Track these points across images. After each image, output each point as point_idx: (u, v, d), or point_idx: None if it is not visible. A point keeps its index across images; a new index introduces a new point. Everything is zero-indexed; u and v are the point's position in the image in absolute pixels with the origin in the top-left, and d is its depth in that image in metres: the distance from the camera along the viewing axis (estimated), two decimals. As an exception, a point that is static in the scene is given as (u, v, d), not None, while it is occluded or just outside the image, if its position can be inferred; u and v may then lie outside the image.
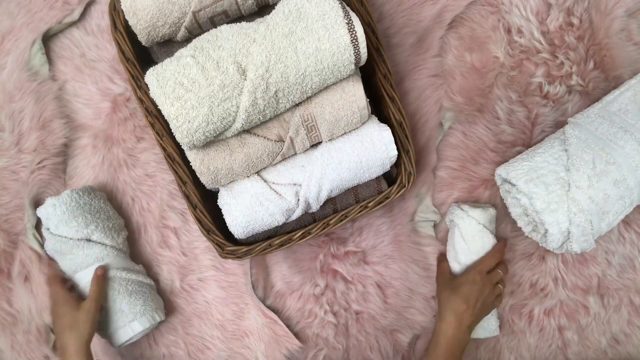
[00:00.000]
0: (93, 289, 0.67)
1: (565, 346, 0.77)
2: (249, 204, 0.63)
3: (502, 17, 0.75)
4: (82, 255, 0.69)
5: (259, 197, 0.63)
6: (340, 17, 0.54)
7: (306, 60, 0.54)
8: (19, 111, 0.76)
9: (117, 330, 0.69)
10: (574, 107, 0.75)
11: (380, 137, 0.63)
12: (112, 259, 0.71)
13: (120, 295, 0.69)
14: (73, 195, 0.69)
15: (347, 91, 0.60)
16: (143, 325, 0.69)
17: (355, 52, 0.55)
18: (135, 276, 0.72)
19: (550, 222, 0.63)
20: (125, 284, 0.70)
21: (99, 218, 0.71)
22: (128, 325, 0.69)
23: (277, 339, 0.76)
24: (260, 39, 0.54)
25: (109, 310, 0.68)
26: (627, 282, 0.76)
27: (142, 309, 0.70)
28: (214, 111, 0.54)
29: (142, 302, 0.70)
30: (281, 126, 0.61)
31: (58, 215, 0.68)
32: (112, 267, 0.70)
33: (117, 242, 0.72)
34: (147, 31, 0.60)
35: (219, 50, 0.54)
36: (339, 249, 0.76)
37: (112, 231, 0.72)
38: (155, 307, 0.72)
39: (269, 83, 0.54)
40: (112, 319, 0.68)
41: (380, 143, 0.63)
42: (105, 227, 0.71)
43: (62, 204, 0.68)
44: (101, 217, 0.72)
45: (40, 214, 0.70)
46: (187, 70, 0.54)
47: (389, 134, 0.64)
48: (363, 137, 0.64)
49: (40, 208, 0.69)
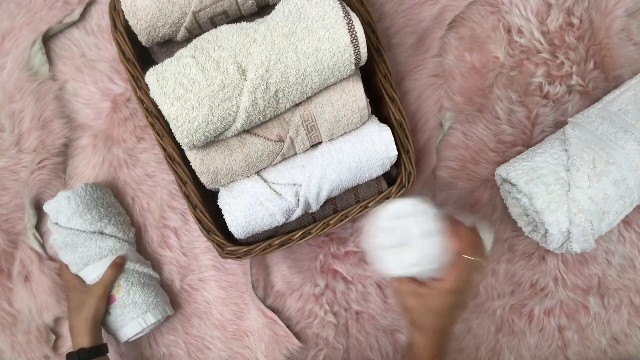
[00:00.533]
0: (106, 274, 0.68)
1: (565, 346, 0.77)
2: (249, 204, 0.63)
3: (502, 17, 0.75)
4: (95, 248, 0.70)
5: (259, 197, 0.63)
6: (340, 17, 0.54)
7: (306, 60, 0.54)
8: (19, 111, 0.76)
9: (129, 322, 0.69)
10: (574, 107, 0.75)
11: (381, 137, 0.63)
12: (125, 252, 0.72)
13: (134, 287, 0.69)
14: (87, 189, 0.70)
15: (347, 91, 0.60)
16: (155, 317, 0.70)
17: (355, 52, 0.55)
18: (147, 269, 0.73)
19: (550, 222, 0.63)
20: (138, 276, 0.71)
21: (111, 212, 0.72)
22: (141, 316, 0.69)
23: (277, 339, 0.76)
24: (261, 39, 0.54)
25: (120, 302, 0.69)
26: (627, 282, 0.76)
27: (154, 301, 0.70)
28: (214, 111, 0.54)
29: (155, 295, 0.71)
30: (281, 126, 0.61)
31: (72, 208, 0.69)
32: (126, 260, 0.71)
33: (128, 236, 0.73)
34: (147, 31, 0.60)
35: (219, 50, 0.54)
36: (339, 249, 0.76)
37: (124, 225, 0.73)
38: (166, 300, 0.74)
39: (269, 83, 0.54)
40: (124, 311, 0.68)
41: (380, 143, 0.63)
42: (117, 221, 0.72)
43: (77, 196, 0.69)
44: (113, 211, 0.73)
45: (48, 209, 0.70)
46: (187, 70, 0.54)
47: (389, 134, 0.64)
48: (363, 137, 0.64)
49: (50, 202, 0.70)
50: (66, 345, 0.77)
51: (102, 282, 0.68)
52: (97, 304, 0.67)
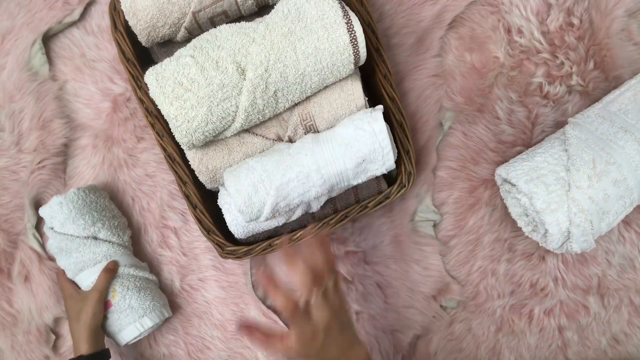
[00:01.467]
0: (99, 280, 0.68)
1: (565, 346, 0.77)
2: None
3: (502, 17, 0.75)
4: (89, 253, 0.69)
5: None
6: (340, 17, 0.54)
7: (305, 60, 0.54)
8: (19, 111, 0.76)
9: (126, 327, 0.69)
10: (574, 107, 0.75)
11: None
12: (119, 257, 0.71)
13: (129, 291, 0.69)
14: (79, 193, 0.69)
15: (345, 90, 0.60)
16: (153, 321, 0.69)
17: (354, 51, 0.55)
18: (142, 273, 0.72)
19: (551, 222, 0.63)
20: (133, 281, 0.70)
21: (105, 216, 0.72)
22: (138, 321, 0.69)
23: (277, 339, 0.76)
24: (260, 39, 0.54)
25: (117, 307, 0.68)
26: (627, 282, 0.76)
27: (151, 305, 0.70)
28: (213, 111, 0.54)
29: (151, 298, 0.71)
30: (280, 125, 0.61)
31: (65, 213, 0.68)
32: (120, 264, 0.70)
33: (123, 240, 0.73)
34: (147, 32, 0.60)
35: (219, 50, 0.54)
36: (339, 249, 0.76)
37: (118, 229, 0.73)
38: (163, 303, 0.73)
39: (268, 83, 0.54)
40: (121, 316, 0.68)
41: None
42: (111, 225, 0.72)
43: (69, 201, 0.68)
44: (107, 215, 0.72)
45: (43, 213, 0.70)
46: (187, 70, 0.54)
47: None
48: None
49: (45, 207, 0.70)
50: (66, 345, 0.77)
51: (96, 288, 0.67)
52: (94, 310, 0.66)
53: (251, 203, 0.59)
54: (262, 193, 0.58)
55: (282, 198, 0.59)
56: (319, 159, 0.58)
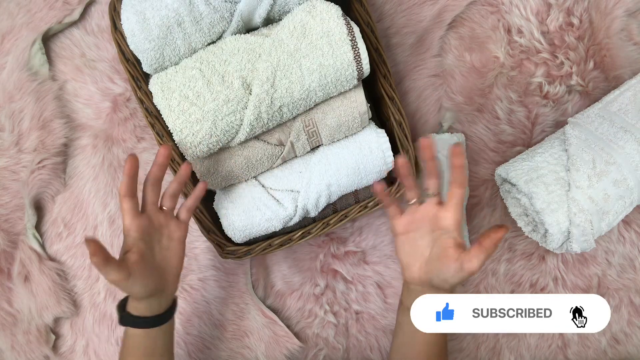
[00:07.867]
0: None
1: (565, 346, 0.77)
2: (246, 208, 0.63)
3: (502, 17, 0.75)
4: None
5: (257, 202, 0.63)
6: (344, 34, 0.54)
7: (310, 76, 0.55)
8: (19, 111, 0.76)
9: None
10: (574, 107, 0.75)
11: (378, 143, 0.64)
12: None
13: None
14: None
15: (348, 97, 0.60)
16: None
17: (357, 67, 0.56)
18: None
19: (550, 222, 0.63)
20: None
21: None
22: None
23: (277, 339, 0.76)
24: (266, 55, 0.55)
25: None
26: (627, 282, 0.76)
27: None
28: (217, 125, 0.55)
29: None
30: (282, 131, 0.61)
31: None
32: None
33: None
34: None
35: (225, 64, 0.55)
36: (339, 249, 0.76)
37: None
38: None
39: (274, 98, 0.55)
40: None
41: (377, 150, 0.64)
42: None
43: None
44: None
45: None
46: (193, 83, 0.55)
47: (386, 140, 0.64)
48: (361, 143, 0.64)
49: None
50: (66, 345, 0.77)
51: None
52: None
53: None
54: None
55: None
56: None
